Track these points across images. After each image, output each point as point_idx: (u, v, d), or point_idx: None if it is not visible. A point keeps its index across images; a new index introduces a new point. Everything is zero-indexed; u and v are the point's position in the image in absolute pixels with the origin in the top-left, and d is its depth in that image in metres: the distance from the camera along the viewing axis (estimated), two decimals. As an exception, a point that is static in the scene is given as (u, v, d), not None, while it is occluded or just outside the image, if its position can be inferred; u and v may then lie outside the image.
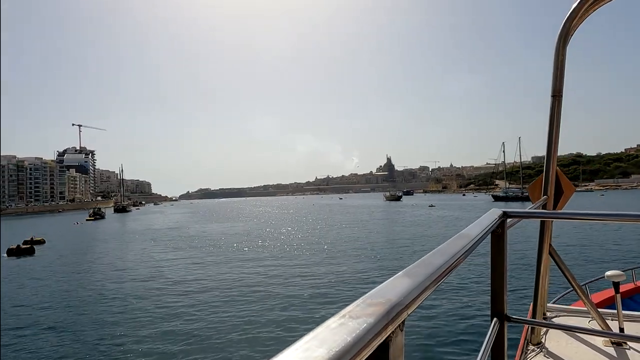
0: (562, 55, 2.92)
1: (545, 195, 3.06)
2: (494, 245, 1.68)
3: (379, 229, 36.60)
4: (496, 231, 1.62)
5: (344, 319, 0.53)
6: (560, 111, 3.00)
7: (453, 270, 0.92)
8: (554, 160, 3.07)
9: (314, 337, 0.47)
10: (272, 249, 25.66)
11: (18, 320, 12.48)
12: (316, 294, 13.93)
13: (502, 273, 1.69)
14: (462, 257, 1.01)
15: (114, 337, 10.70)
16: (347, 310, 0.56)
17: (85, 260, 24.95)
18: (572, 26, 2.86)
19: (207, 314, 12.17)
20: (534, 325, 2.83)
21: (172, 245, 30.76)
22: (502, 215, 1.67)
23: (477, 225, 1.39)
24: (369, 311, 0.56)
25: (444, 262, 0.87)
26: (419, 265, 0.83)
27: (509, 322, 1.73)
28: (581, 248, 21.54)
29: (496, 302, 1.71)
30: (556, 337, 2.91)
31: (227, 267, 20.30)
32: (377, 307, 0.57)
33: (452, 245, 1.05)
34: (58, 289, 17.08)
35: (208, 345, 9.69)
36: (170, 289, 15.90)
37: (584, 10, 2.80)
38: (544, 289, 2.99)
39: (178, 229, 47.38)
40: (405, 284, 0.69)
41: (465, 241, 1.10)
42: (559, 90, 2.97)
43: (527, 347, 2.84)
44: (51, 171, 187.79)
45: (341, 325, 0.51)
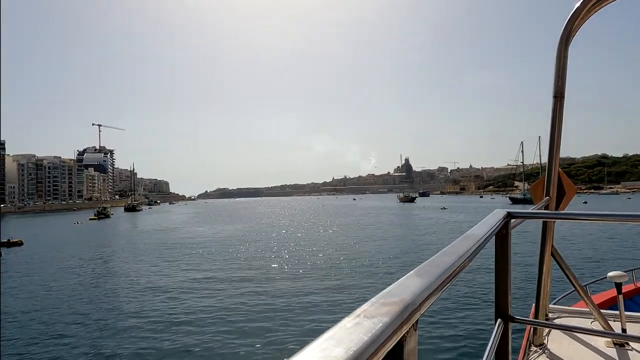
0: (564, 56, 2.90)
1: (548, 196, 3.06)
2: (499, 246, 1.67)
3: (374, 235, 33.87)
4: (500, 232, 1.62)
5: (359, 319, 0.53)
6: (562, 112, 2.98)
7: (461, 270, 0.92)
8: (556, 161, 3.06)
9: (331, 336, 0.47)
10: (242, 260, 23.35)
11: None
12: (257, 319, 11.66)
13: (506, 274, 1.69)
14: (470, 257, 1.01)
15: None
16: (362, 309, 0.56)
17: (50, 266, 23.18)
18: (574, 27, 2.84)
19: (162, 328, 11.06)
20: (536, 325, 2.84)
21: (148, 250, 28.79)
22: (506, 215, 1.67)
23: (482, 225, 1.40)
24: (384, 311, 0.55)
25: (453, 263, 0.87)
26: (429, 265, 0.83)
27: (512, 322, 1.74)
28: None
29: (500, 302, 1.72)
30: (558, 338, 2.92)
31: (185, 274, 18.36)
32: (392, 307, 0.57)
33: (459, 245, 1.05)
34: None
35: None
36: (121, 299, 14.74)
37: (586, 10, 2.77)
38: (546, 289, 2.97)
39: (171, 231, 45.70)
40: (417, 284, 0.69)
41: (471, 242, 1.10)
42: (560, 91, 2.95)
43: (529, 347, 2.84)
44: (69, 170, 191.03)
45: (357, 324, 0.51)
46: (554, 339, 2.89)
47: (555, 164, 3.04)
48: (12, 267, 23.01)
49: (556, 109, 2.96)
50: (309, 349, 0.43)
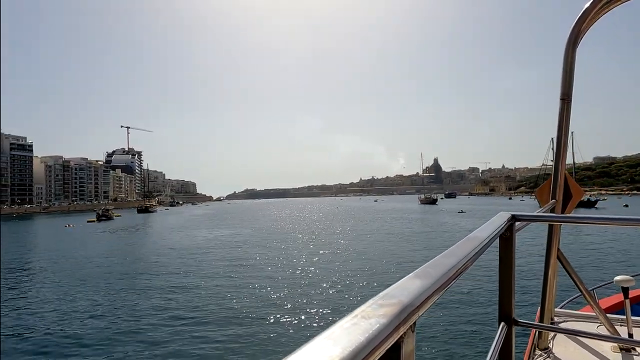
0: (572, 58, 2.86)
1: (554, 199, 3.03)
2: (502, 248, 1.66)
3: (359, 247, 29.02)
4: (504, 234, 1.61)
5: (356, 319, 0.52)
6: (570, 115, 2.96)
7: (462, 273, 0.91)
8: (563, 164, 3.05)
9: (328, 336, 0.47)
10: (194, 273, 19.34)
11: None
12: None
13: (510, 277, 1.68)
14: (471, 260, 1.00)
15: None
16: (360, 310, 0.56)
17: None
18: (583, 29, 2.79)
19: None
20: (541, 329, 2.83)
21: (118, 266, 24.99)
22: (510, 218, 1.66)
23: (485, 228, 1.38)
24: (381, 312, 0.55)
25: (454, 265, 0.86)
26: (430, 267, 0.82)
27: (516, 326, 1.72)
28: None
29: (504, 305, 1.70)
30: (564, 342, 2.91)
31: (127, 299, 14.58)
32: (389, 308, 0.57)
33: (461, 247, 1.04)
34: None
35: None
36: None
37: (595, 12, 2.73)
38: (551, 293, 2.95)
39: (166, 238, 42.05)
40: (417, 285, 0.69)
41: (474, 244, 1.09)
42: (567, 93, 2.93)
43: (534, 351, 2.82)
44: (96, 171, 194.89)
45: (354, 325, 0.50)
46: (559, 343, 2.89)
47: (562, 166, 3.02)
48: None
49: (563, 112, 2.92)
50: (306, 349, 0.43)
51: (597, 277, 14.61)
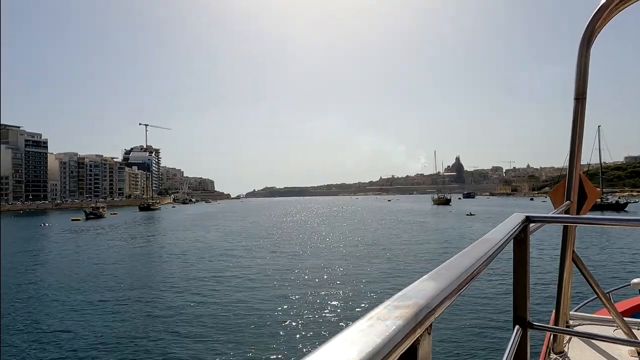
0: (586, 57, 2.79)
1: (569, 200, 2.98)
2: (517, 250, 1.64)
3: (331, 261, 24.32)
4: (519, 236, 1.58)
5: (372, 321, 0.52)
6: (584, 114, 2.90)
7: (477, 275, 0.90)
8: (578, 164, 2.99)
9: (344, 338, 0.46)
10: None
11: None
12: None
13: (524, 279, 1.66)
14: (486, 262, 0.99)
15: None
16: (376, 312, 0.55)
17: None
18: (597, 27, 2.73)
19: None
20: (556, 332, 2.79)
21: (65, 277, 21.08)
22: (524, 220, 1.64)
23: (499, 229, 1.36)
24: (397, 314, 0.54)
25: (469, 267, 0.86)
26: (444, 268, 0.82)
27: (531, 329, 1.70)
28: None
29: (518, 308, 1.68)
30: (579, 346, 2.86)
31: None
32: (406, 310, 0.56)
33: (475, 249, 1.02)
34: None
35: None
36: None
37: (609, 10, 2.67)
38: (566, 296, 2.90)
39: (144, 245, 38.49)
40: (432, 287, 0.68)
41: (488, 246, 1.08)
42: (582, 92, 2.87)
43: (549, 355, 2.79)
44: (111, 168, 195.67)
45: (370, 326, 0.50)
46: (575, 347, 2.85)
47: (576, 166, 2.97)
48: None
49: (577, 111, 2.87)
50: (322, 350, 0.43)
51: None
